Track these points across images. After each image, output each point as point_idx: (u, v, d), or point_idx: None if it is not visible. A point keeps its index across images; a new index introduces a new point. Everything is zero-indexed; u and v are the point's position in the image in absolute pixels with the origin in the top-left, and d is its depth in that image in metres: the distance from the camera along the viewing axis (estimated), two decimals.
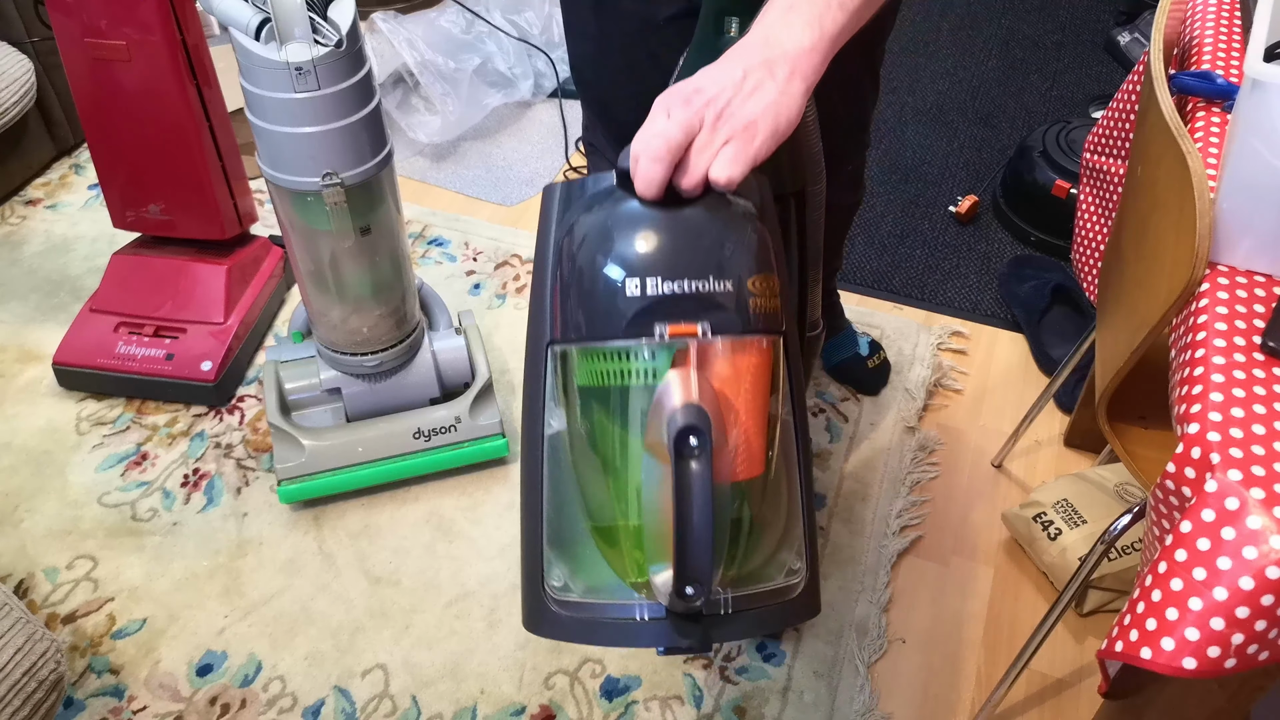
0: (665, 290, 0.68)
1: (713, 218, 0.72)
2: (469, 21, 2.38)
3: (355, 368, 1.56)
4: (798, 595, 0.74)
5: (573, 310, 0.72)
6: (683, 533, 0.65)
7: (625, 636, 0.74)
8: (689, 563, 0.65)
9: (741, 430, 0.72)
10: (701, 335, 0.68)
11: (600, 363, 0.71)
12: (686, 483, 0.64)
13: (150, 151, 1.63)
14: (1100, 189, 1.33)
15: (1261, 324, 0.83)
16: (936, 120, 2.41)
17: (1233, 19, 1.11)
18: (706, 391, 0.68)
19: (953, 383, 1.80)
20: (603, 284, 0.70)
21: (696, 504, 0.64)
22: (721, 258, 0.70)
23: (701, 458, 0.64)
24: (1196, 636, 0.72)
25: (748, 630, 0.73)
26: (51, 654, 1.12)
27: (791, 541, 0.76)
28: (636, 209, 0.71)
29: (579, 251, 0.72)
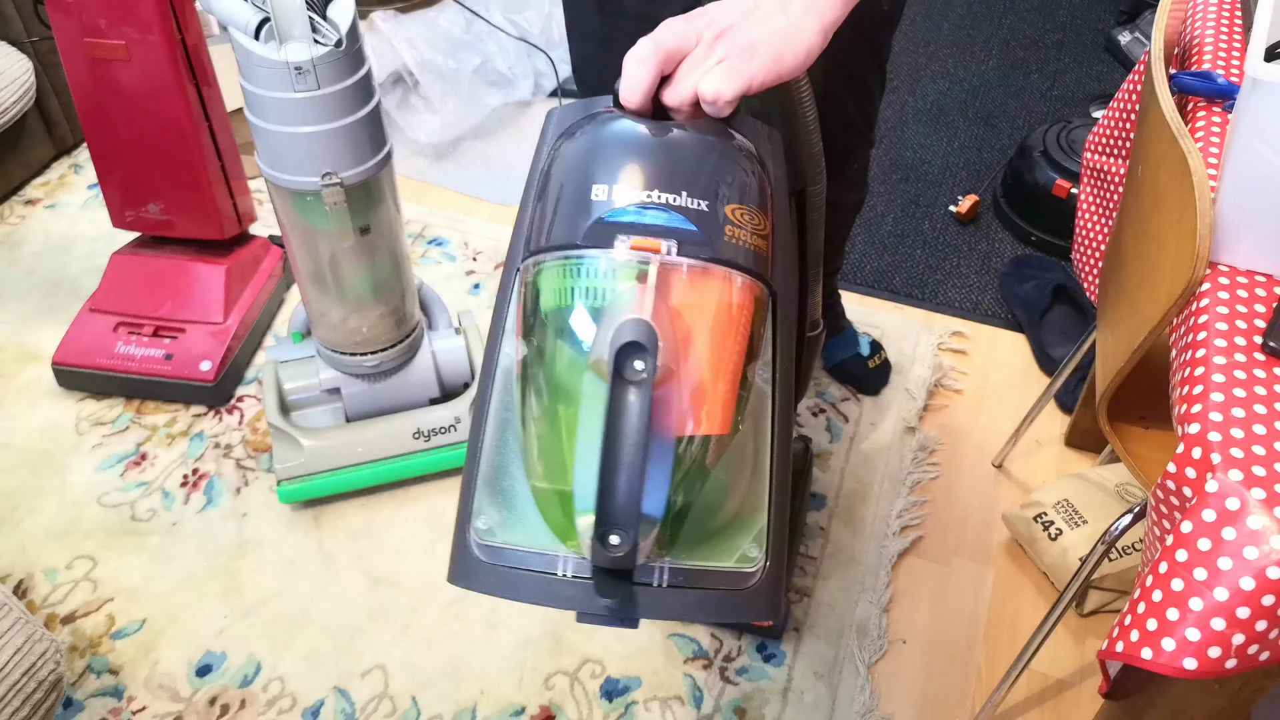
0: (632, 200, 0.63)
1: (700, 139, 0.67)
2: (468, 21, 2.38)
3: (355, 368, 1.56)
4: (751, 587, 0.64)
5: (541, 222, 0.67)
6: (608, 465, 0.57)
7: (546, 594, 0.63)
8: (612, 502, 0.57)
9: (702, 376, 0.63)
10: (665, 253, 0.62)
11: (561, 279, 0.64)
12: (619, 407, 0.57)
13: (149, 151, 1.62)
14: (1101, 189, 1.33)
15: (1262, 324, 0.82)
16: (937, 120, 2.41)
17: (1233, 19, 1.11)
18: (662, 314, 0.61)
19: (953, 383, 1.80)
20: (572, 191, 0.65)
21: (628, 433, 0.57)
22: (699, 176, 0.64)
23: (643, 383, 0.57)
24: (1197, 637, 0.72)
25: (683, 611, 0.64)
26: (51, 654, 1.12)
27: (750, 525, 0.67)
28: (623, 123, 0.68)
29: (557, 164, 0.68)
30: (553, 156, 0.68)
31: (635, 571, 0.61)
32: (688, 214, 0.63)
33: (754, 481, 0.67)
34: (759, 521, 0.66)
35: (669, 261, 0.62)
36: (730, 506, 0.67)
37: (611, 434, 0.57)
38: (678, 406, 0.62)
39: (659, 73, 0.67)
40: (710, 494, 0.66)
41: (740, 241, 0.64)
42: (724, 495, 0.67)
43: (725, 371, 0.64)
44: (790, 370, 0.69)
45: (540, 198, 0.68)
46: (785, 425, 0.68)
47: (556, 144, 0.69)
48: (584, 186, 0.64)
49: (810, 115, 1.10)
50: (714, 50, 0.67)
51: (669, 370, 0.60)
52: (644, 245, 0.62)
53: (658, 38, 0.66)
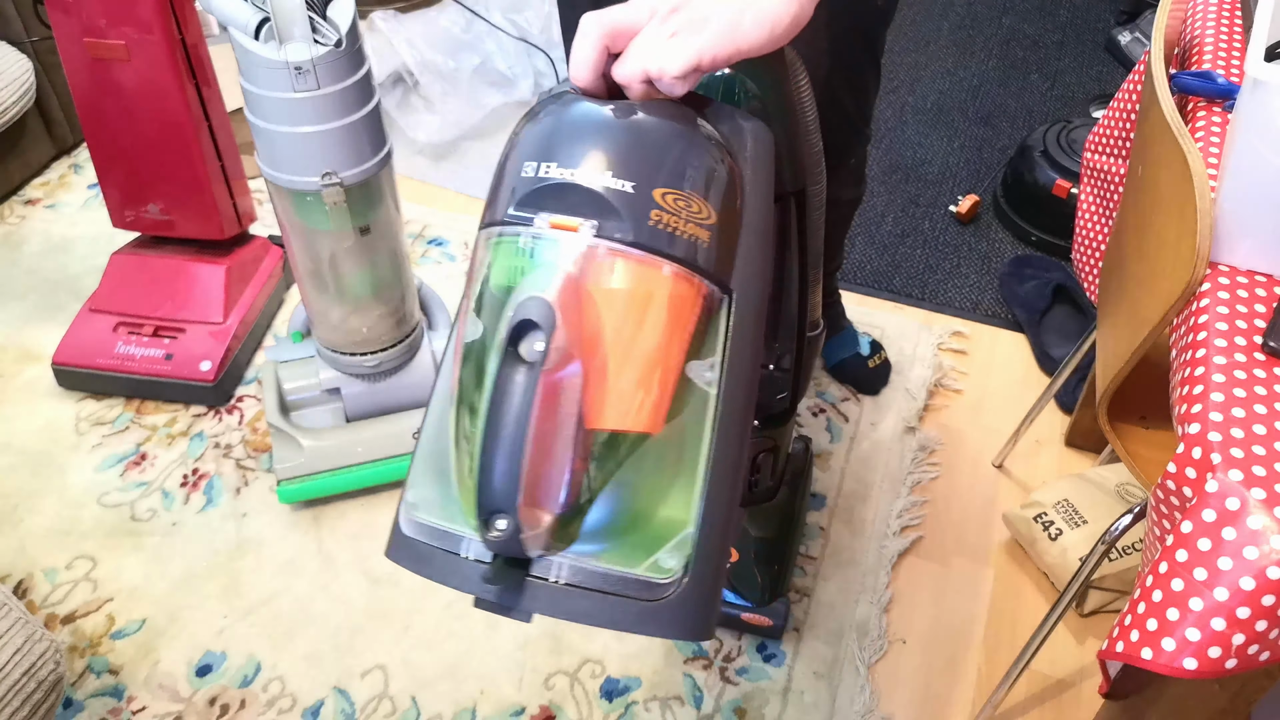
0: (555, 176, 0.60)
1: (644, 120, 0.63)
2: (468, 21, 2.38)
3: (355, 368, 1.56)
4: (665, 600, 0.60)
5: (489, 200, 0.66)
6: (488, 444, 0.56)
7: (449, 573, 0.62)
8: (490, 481, 0.56)
9: (618, 367, 0.60)
10: (584, 233, 0.59)
11: (510, 259, 0.62)
12: (505, 386, 0.56)
13: (149, 151, 1.62)
14: (1101, 188, 1.33)
15: (1262, 324, 0.82)
16: (937, 120, 2.41)
17: (1233, 19, 1.11)
18: (571, 297, 0.58)
19: (953, 383, 1.80)
20: (511, 167, 0.63)
21: (509, 412, 0.55)
22: (630, 156, 0.60)
23: (532, 365, 0.56)
24: (1197, 637, 0.72)
25: (580, 613, 0.60)
26: (50, 654, 1.12)
27: (669, 534, 0.62)
28: (574, 104, 0.64)
29: (511, 142, 0.66)
30: (512, 136, 0.66)
31: (533, 564, 0.59)
32: (611, 195, 0.59)
33: (681, 488, 0.63)
34: (682, 531, 0.62)
35: (585, 242, 0.59)
36: (645, 510, 0.63)
37: (494, 413, 0.56)
38: (586, 395, 0.59)
39: (605, 49, 0.63)
40: (621, 492, 0.62)
41: (670, 228, 0.60)
42: (638, 496, 0.63)
43: (649, 365, 0.61)
44: (747, 376, 0.64)
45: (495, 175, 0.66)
46: (733, 432, 0.63)
47: (519, 124, 0.67)
48: (519, 163, 0.62)
49: (810, 115, 1.10)
50: (666, 24, 0.63)
51: (568, 355, 0.58)
52: (562, 225, 0.60)
53: (605, 13, 0.63)
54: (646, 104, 0.63)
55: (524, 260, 0.61)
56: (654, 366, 0.61)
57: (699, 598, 0.61)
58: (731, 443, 0.63)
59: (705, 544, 0.61)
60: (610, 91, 0.65)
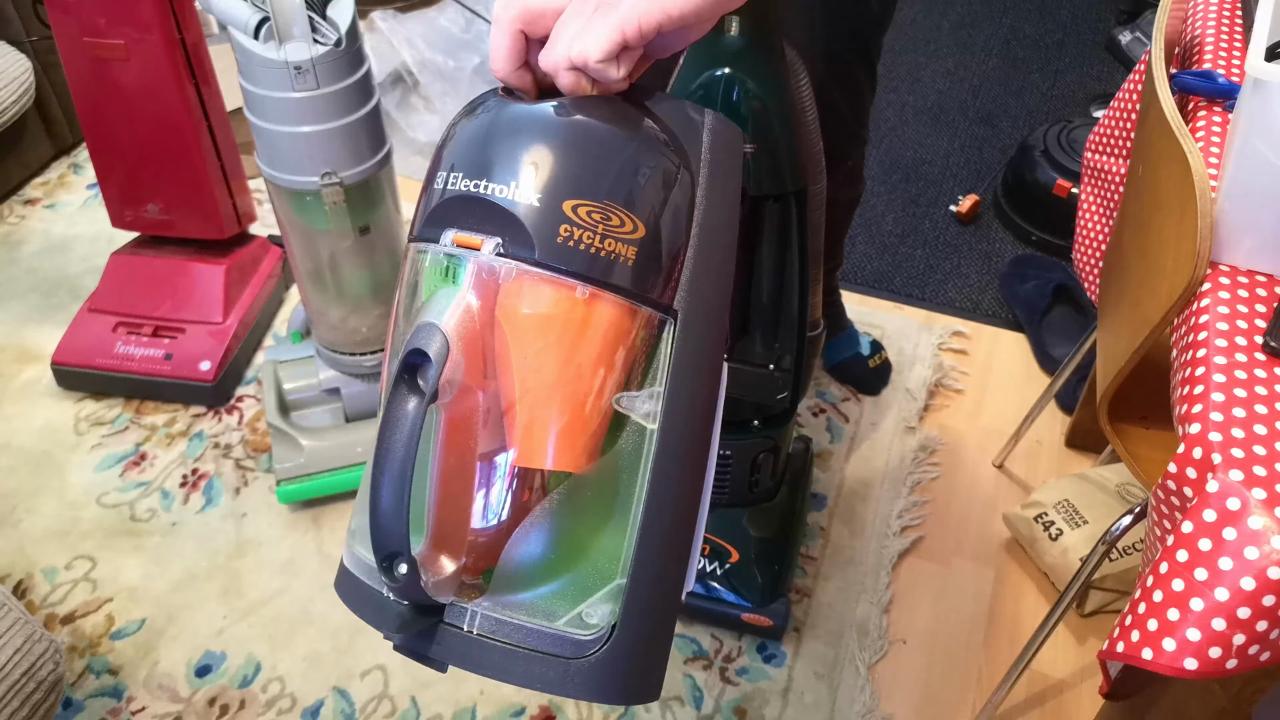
0: (461, 188, 0.54)
1: (564, 122, 0.55)
2: (468, 20, 2.38)
3: (354, 368, 1.56)
4: (589, 657, 0.54)
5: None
6: (375, 482, 0.51)
7: (373, 614, 0.57)
8: (381, 522, 0.52)
9: (538, 402, 0.55)
10: (485, 252, 0.53)
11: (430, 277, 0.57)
12: (392, 417, 0.51)
13: (149, 151, 1.62)
14: (1101, 188, 1.33)
15: (1263, 324, 0.82)
16: (937, 119, 2.41)
17: (1234, 18, 1.11)
18: (471, 323, 0.53)
19: (954, 383, 1.80)
20: (430, 176, 0.57)
21: (395, 448, 0.51)
22: (540, 164, 0.53)
23: (418, 396, 0.51)
24: (1198, 637, 0.72)
25: (494, 668, 0.54)
26: (50, 654, 1.12)
27: (594, 586, 0.56)
28: (499, 104, 0.57)
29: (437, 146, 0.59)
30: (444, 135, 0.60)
31: (448, 610, 0.55)
32: (516, 208, 0.53)
33: (609, 534, 0.56)
34: (609, 583, 0.55)
35: (487, 262, 0.53)
36: (570, 557, 0.57)
37: (381, 448, 0.51)
38: (489, 431, 0.55)
39: (522, 37, 0.56)
40: (542, 537, 0.57)
41: (582, 245, 0.53)
42: (562, 542, 0.57)
43: (569, 397, 0.55)
44: (696, 407, 0.56)
45: None
46: (675, 472, 0.56)
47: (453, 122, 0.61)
48: (434, 171, 0.57)
49: (811, 115, 1.10)
50: (588, 1, 0.54)
51: (466, 387, 0.53)
52: (466, 242, 0.54)
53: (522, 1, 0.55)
54: (574, 101, 0.56)
55: (440, 279, 0.55)
56: (575, 398, 0.55)
57: (628, 657, 0.54)
58: (672, 483, 0.55)
59: (637, 597, 0.54)
60: (541, 86, 0.58)
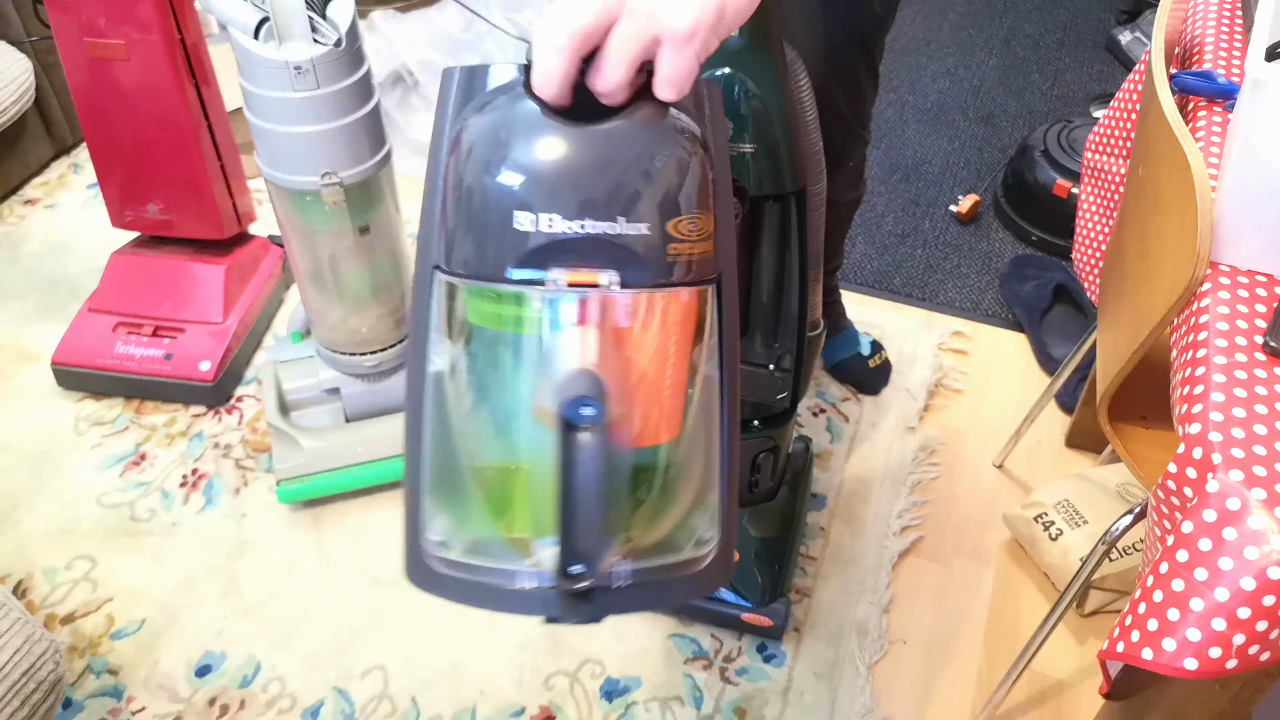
0: (560, 231, 0.55)
1: (635, 138, 0.57)
2: (468, 20, 2.38)
3: (354, 368, 1.56)
4: (705, 567, 0.64)
5: (459, 236, 0.59)
6: (567, 512, 0.56)
7: (508, 603, 0.63)
8: (574, 544, 0.56)
9: (652, 393, 0.60)
10: (606, 287, 0.56)
11: (488, 304, 0.59)
12: (573, 458, 0.55)
13: (149, 151, 1.62)
14: (1101, 188, 1.33)
15: (1263, 324, 0.82)
16: (937, 119, 2.41)
17: (1234, 19, 1.11)
18: (607, 353, 0.57)
19: (954, 383, 1.80)
20: (491, 211, 0.56)
21: (583, 481, 0.55)
22: (637, 194, 0.56)
23: (594, 431, 0.55)
24: (1198, 637, 0.72)
25: (645, 604, 0.64)
26: (50, 654, 1.11)
27: (706, 508, 0.65)
28: (539, 117, 0.57)
29: (468, 162, 0.58)
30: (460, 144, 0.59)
31: None
32: (626, 240, 0.55)
33: (707, 466, 0.65)
34: (712, 502, 0.64)
35: (611, 295, 0.56)
36: (686, 499, 0.65)
37: (568, 484, 0.55)
38: (628, 433, 0.59)
39: (580, 61, 0.55)
40: (665, 495, 0.64)
41: (685, 257, 0.58)
42: (679, 491, 0.65)
43: (673, 382, 0.61)
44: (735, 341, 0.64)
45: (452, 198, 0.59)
46: (733, 396, 0.64)
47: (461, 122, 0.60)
48: (506, 209, 0.56)
49: (811, 114, 1.10)
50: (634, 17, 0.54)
51: (621, 405, 0.57)
52: (581, 280, 0.56)
53: (574, 18, 0.54)
54: (631, 121, 0.57)
55: (517, 310, 0.57)
56: (677, 381, 0.62)
57: (724, 554, 0.65)
58: (730, 414, 0.65)
59: (728, 503, 0.65)
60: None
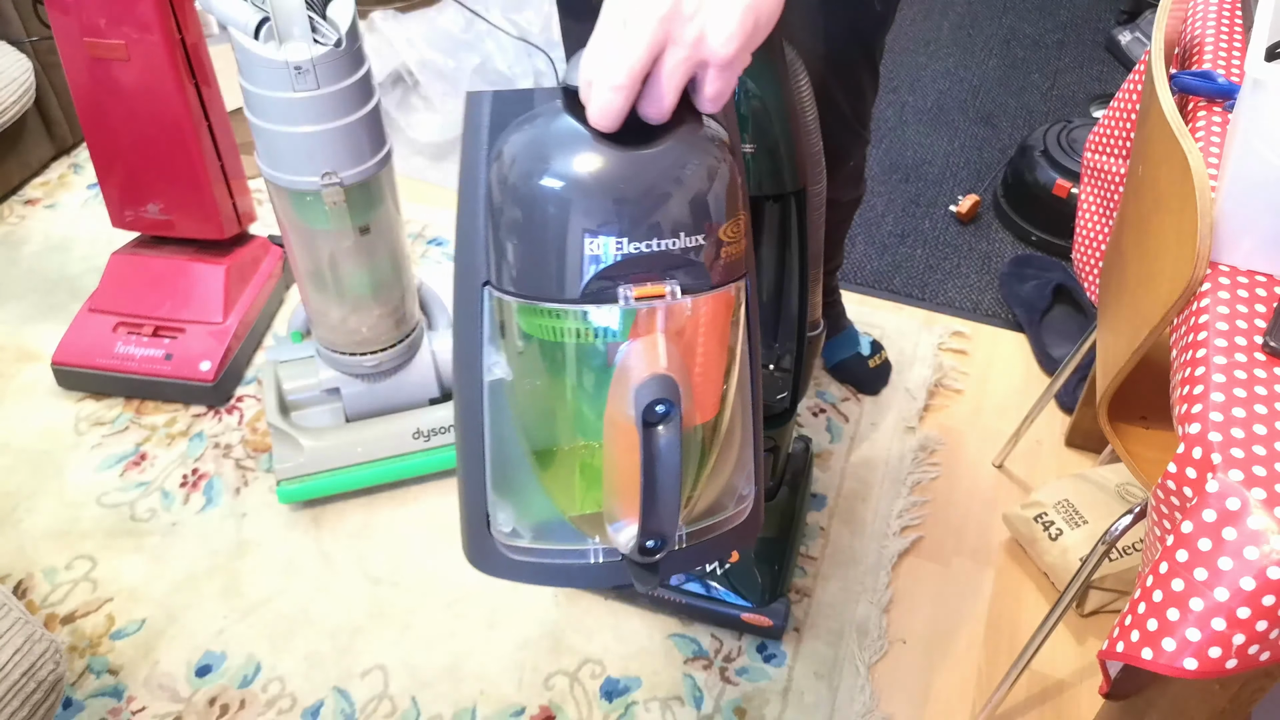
0: (631, 251, 0.59)
1: (684, 157, 0.61)
2: (468, 20, 2.38)
3: (354, 368, 1.56)
4: (745, 520, 0.73)
5: (515, 258, 0.63)
6: (651, 497, 0.62)
7: (579, 579, 0.75)
8: (657, 525, 0.63)
9: (706, 378, 0.67)
10: (670, 296, 0.61)
11: (549, 319, 0.63)
12: (655, 451, 0.60)
13: (149, 151, 1.62)
14: (1101, 188, 1.33)
15: (1263, 324, 0.82)
16: (937, 119, 2.41)
17: (1234, 18, 1.11)
18: (673, 355, 0.63)
19: (954, 383, 1.80)
20: (554, 237, 0.60)
21: (664, 470, 0.61)
22: (694, 209, 0.61)
23: (671, 425, 0.60)
24: (1198, 637, 0.72)
25: (699, 559, 0.72)
26: (50, 654, 1.12)
27: (742, 468, 0.73)
28: (591, 143, 0.60)
29: (521, 189, 0.62)
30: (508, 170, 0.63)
31: None
32: (688, 252, 0.61)
33: (743, 431, 0.73)
34: (747, 460, 0.73)
35: (675, 303, 0.62)
36: (730, 462, 0.73)
37: (650, 473, 0.61)
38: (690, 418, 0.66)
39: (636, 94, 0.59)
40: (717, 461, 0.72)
41: (733, 257, 0.64)
42: (726, 457, 0.73)
43: (718, 366, 0.68)
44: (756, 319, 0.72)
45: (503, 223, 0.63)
46: (756, 368, 0.72)
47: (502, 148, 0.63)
48: (568, 234, 0.60)
49: (810, 114, 1.10)
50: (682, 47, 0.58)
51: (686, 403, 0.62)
52: (648, 294, 0.61)
53: (630, 59, 0.57)
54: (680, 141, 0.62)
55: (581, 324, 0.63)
56: (719, 361, 0.69)
57: (758, 506, 0.74)
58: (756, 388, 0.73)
59: (756, 461, 0.73)
60: None
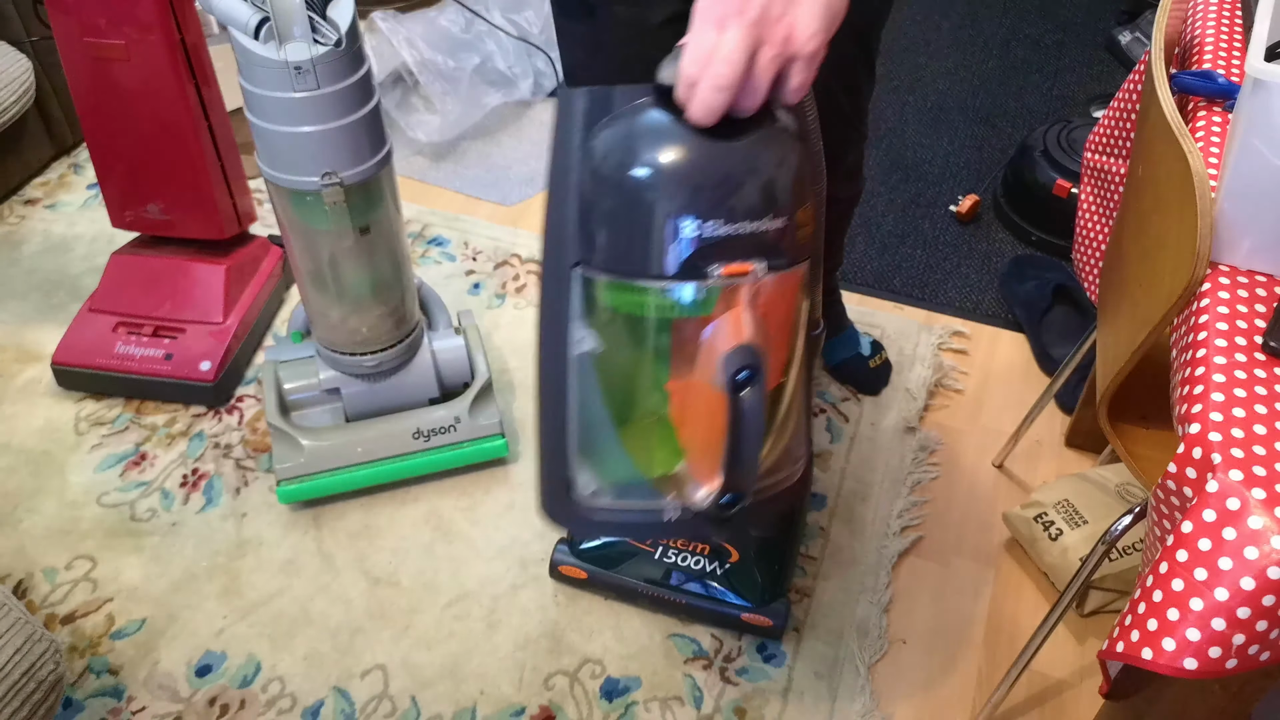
0: (723, 233, 0.67)
1: (768, 147, 0.69)
2: (468, 20, 2.38)
3: (354, 368, 1.56)
4: (799, 479, 0.80)
5: (611, 239, 0.70)
6: (736, 456, 0.69)
7: (657, 532, 0.88)
8: (738, 482, 0.70)
9: (779, 345, 0.74)
10: (755, 274, 0.69)
11: (639, 295, 0.70)
12: (741, 414, 0.68)
13: (149, 151, 1.62)
14: (1101, 188, 1.33)
15: (1262, 324, 0.82)
16: (937, 119, 2.41)
17: (1234, 18, 1.11)
18: (756, 326, 0.70)
19: (954, 383, 1.80)
20: (651, 220, 0.67)
21: (749, 431, 0.69)
22: (776, 194, 0.69)
23: (755, 390, 0.67)
24: (1197, 637, 0.72)
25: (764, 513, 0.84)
26: (50, 654, 1.12)
27: (798, 431, 0.80)
28: (689, 137, 0.67)
29: (617, 177, 0.69)
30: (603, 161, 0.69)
31: None
32: (769, 234, 0.68)
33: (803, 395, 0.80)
34: (803, 425, 0.80)
35: (759, 279, 0.69)
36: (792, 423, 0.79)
37: (736, 436, 0.69)
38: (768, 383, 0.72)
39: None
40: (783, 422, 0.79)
41: (805, 238, 0.71)
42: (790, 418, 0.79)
43: (790, 336, 0.76)
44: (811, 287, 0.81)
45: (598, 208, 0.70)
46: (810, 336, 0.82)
47: (597, 141, 0.69)
48: (666, 218, 0.67)
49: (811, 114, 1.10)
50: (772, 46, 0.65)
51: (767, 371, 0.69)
52: (736, 270, 0.68)
53: (733, 61, 0.64)
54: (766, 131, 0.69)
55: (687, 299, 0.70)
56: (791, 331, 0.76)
57: (810, 464, 0.83)
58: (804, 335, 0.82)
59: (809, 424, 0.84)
60: None
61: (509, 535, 1.55)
